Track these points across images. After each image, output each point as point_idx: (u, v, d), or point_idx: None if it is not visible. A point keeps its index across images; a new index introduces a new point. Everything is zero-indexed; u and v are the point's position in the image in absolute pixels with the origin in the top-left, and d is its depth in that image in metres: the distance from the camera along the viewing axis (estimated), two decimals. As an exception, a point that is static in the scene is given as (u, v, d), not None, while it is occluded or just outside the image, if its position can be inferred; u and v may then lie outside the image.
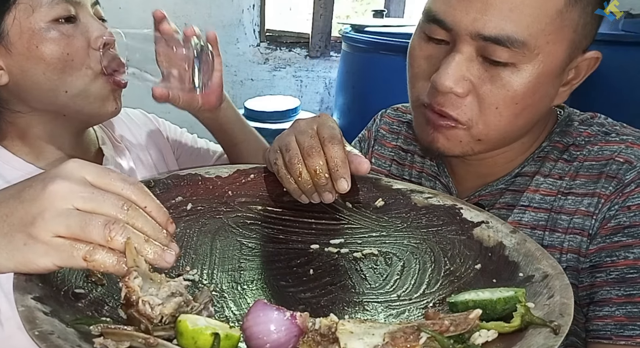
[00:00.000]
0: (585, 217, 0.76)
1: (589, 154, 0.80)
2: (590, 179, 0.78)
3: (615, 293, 0.72)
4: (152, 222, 0.52)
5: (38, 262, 0.49)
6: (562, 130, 0.84)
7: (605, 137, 0.81)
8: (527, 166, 0.84)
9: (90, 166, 0.52)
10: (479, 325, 0.49)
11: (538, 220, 0.80)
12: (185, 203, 0.76)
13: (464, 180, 0.90)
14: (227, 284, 0.66)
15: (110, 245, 0.49)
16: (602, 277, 0.74)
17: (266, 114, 2.97)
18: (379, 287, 0.66)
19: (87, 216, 0.49)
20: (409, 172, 0.98)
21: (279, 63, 3.46)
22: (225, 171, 0.81)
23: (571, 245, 0.77)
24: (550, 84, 0.75)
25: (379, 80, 2.38)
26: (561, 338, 0.46)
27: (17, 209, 0.50)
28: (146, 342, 0.46)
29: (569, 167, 0.80)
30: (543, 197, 0.81)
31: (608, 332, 0.72)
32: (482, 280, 0.63)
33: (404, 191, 0.78)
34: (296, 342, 0.49)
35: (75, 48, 0.84)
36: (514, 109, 0.74)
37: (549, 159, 0.82)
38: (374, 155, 1.05)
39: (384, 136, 1.05)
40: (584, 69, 0.79)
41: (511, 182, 0.84)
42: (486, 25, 0.70)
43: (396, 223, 0.76)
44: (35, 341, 0.43)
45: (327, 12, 3.35)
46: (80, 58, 0.85)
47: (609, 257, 0.74)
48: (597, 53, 0.78)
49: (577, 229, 0.77)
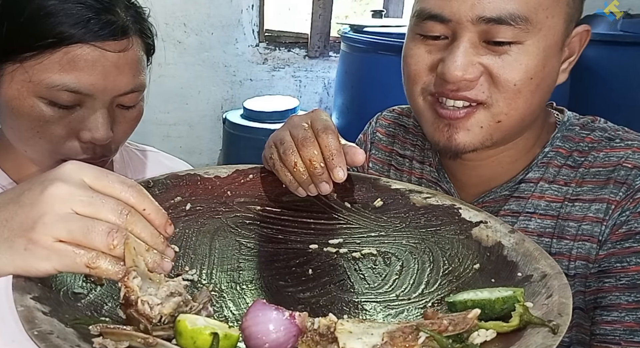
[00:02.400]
0: (595, 223, 0.76)
1: (595, 160, 0.79)
2: (597, 185, 0.77)
3: (625, 299, 0.72)
4: (151, 227, 0.52)
5: (39, 267, 0.49)
6: (564, 135, 0.84)
7: (609, 142, 0.80)
8: (530, 172, 0.83)
9: (89, 168, 0.52)
10: (477, 325, 0.49)
11: (545, 227, 0.80)
12: (184, 204, 0.76)
13: (465, 186, 0.89)
14: (226, 284, 0.66)
15: (113, 253, 0.49)
16: (611, 282, 0.74)
17: (265, 114, 2.97)
18: (377, 287, 0.66)
19: (89, 222, 0.49)
20: (408, 178, 0.97)
21: (277, 63, 3.46)
22: (224, 171, 0.81)
23: (580, 252, 0.76)
24: (555, 58, 0.76)
25: (378, 80, 2.38)
26: (559, 337, 0.46)
27: (16, 213, 0.50)
28: (145, 341, 0.46)
29: (575, 173, 0.80)
30: (549, 204, 0.80)
31: (617, 337, 0.71)
32: (480, 280, 0.63)
33: (402, 191, 0.78)
34: (295, 341, 0.49)
35: (48, 134, 0.77)
36: (529, 85, 0.74)
37: (553, 165, 0.82)
38: (371, 160, 1.04)
39: (380, 140, 1.03)
40: (577, 44, 0.80)
41: (515, 188, 0.83)
42: (486, 7, 0.71)
43: (395, 223, 0.76)
44: (34, 341, 0.43)
45: (326, 13, 3.35)
46: (47, 142, 0.77)
47: (619, 262, 0.73)
48: (586, 26, 0.80)
49: (587, 236, 0.76)
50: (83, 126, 0.77)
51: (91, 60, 0.74)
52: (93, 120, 0.77)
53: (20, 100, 0.75)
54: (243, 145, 2.96)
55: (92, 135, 0.77)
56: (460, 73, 0.72)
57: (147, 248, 0.51)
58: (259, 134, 2.86)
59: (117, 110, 0.81)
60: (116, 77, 0.77)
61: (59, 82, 0.74)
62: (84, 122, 0.77)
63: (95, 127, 0.77)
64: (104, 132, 0.78)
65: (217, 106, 3.44)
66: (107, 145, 0.81)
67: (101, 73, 0.75)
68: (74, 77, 0.74)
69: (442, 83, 0.75)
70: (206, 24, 3.26)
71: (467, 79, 0.73)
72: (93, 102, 0.77)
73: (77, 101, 0.76)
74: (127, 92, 0.79)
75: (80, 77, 0.74)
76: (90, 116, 0.77)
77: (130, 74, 0.79)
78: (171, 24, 3.18)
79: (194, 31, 3.27)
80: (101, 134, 0.77)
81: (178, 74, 3.26)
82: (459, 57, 0.72)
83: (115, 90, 0.78)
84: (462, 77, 0.73)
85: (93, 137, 0.77)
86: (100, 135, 0.77)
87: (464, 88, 0.74)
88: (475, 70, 0.73)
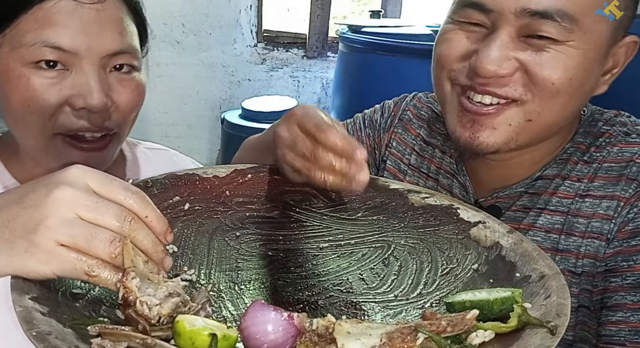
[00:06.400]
0: (604, 220, 0.74)
1: (609, 155, 0.77)
2: (609, 181, 0.75)
3: (630, 299, 0.70)
4: (152, 235, 0.52)
5: (38, 270, 0.49)
6: (586, 131, 0.81)
7: (625, 137, 0.78)
8: (549, 169, 0.80)
9: (93, 173, 0.52)
10: (475, 326, 0.49)
11: (553, 224, 0.78)
12: (182, 203, 0.76)
13: (483, 182, 0.87)
14: (225, 284, 0.66)
15: (114, 262, 0.49)
16: (617, 282, 0.72)
17: (263, 114, 2.97)
18: (376, 287, 0.66)
19: (92, 229, 0.49)
20: (428, 165, 0.94)
21: (276, 63, 3.45)
22: (223, 171, 0.81)
23: (588, 249, 0.74)
24: (597, 65, 0.72)
25: (376, 81, 2.38)
26: (558, 338, 0.46)
27: (19, 215, 0.49)
28: (144, 342, 0.46)
29: (588, 169, 0.77)
30: (560, 200, 0.78)
31: (622, 338, 0.70)
32: (479, 281, 0.63)
33: (401, 191, 0.78)
34: (293, 342, 0.49)
35: (39, 103, 0.74)
36: (568, 86, 0.70)
37: (571, 162, 0.79)
38: (394, 139, 0.99)
39: (410, 120, 0.99)
40: (622, 55, 0.76)
41: (532, 185, 0.81)
42: (533, 0, 0.67)
43: (393, 224, 0.76)
44: (32, 341, 0.43)
45: (324, 13, 3.35)
46: (40, 114, 0.75)
47: (626, 261, 0.71)
48: (634, 37, 0.75)
49: (596, 233, 0.74)
50: (74, 92, 0.74)
51: (66, 13, 0.73)
52: (84, 84, 0.74)
53: (9, 73, 0.74)
54: (241, 145, 2.96)
55: (84, 100, 0.74)
56: (494, 67, 0.69)
57: (147, 260, 0.52)
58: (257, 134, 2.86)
59: (112, 76, 0.78)
60: (98, 33, 0.74)
61: (38, 39, 0.72)
62: (75, 88, 0.74)
63: (87, 90, 0.74)
64: (97, 95, 0.74)
65: (216, 106, 3.43)
66: (105, 113, 0.77)
67: (80, 27, 0.73)
68: (51, 31, 0.72)
69: (473, 76, 0.72)
70: (205, 24, 3.26)
71: (500, 74, 0.70)
72: (81, 63, 0.74)
73: (62, 60, 0.74)
74: (115, 52, 0.76)
75: (57, 31, 0.72)
76: (80, 80, 0.75)
77: (115, 31, 0.76)
78: (169, 24, 3.18)
79: (193, 31, 3.26)
80: (93, 97, 0.74)
81: (176, 74, 3.26)
82: (494, 50, 0.69)
83: (100, 49, 0.75)
84: (494, 72, 0.70)
85: (85, 101, 0.74)
86: (93, 99, 0.74)
87: (495, 84, 0.71)
88: (510, 65, 0.70)
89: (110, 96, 0.78)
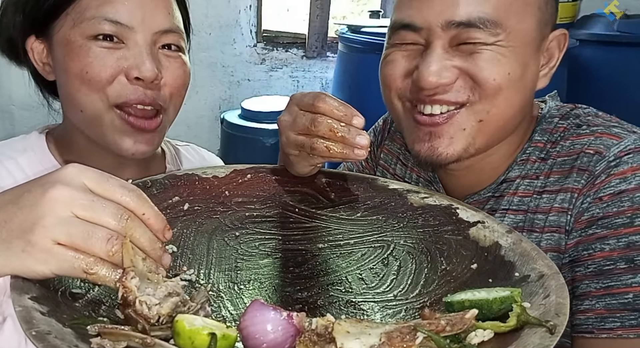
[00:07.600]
0: (560, 213, 0.77)
1: (562, 150, 0.80)
2: (562, 175, 0.78)
3: (594, 287, 0.72)
4: (150, 233, 0.52)
5: (36, 269, 0.49)
6: (542, 128, 0.84)
7: (576, 130, 0.81)
8: (512, 171, 0.83)
9: (90, 171, 0.52)
10: (475, 325, 0.49)
11: (517, 223, 0.81)
12: (182, 203, 0.76)
13: (454, 191, 0.90)
14: (224, 284, 0.66)
15: (112, 260, 0.49)
16: (581, 271, 0.74)
17: (263, 114, 2.96)
18: (375, 287, 0.66)
19: (89, 227, 0.49)
20: (410, 174, 0.98)
21: (275, 63, 3.45)
22: (222, 171, 0.81)
23: (549, 243, 0.77)
24: (532, 61, 0.77)
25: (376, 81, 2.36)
26: (557, 337, 0.46)
27: (15, 215, 0.50)
28: (143, 342, 0.47)
29: (544, 166, 0.81)
30: (521, 199, 0.81)
31: (590, 326, 0.72)
32: (478, 280, 0.63)
33: (400, 191, 0.78)
34: (293, 341, 0.49)
35: (97, 70, 0.79)
36: (508, 81, 0.75)
37: (530, 161, 0.82)
38: (383, 150, 1.04)
39: (395, 131, 1.04)
40: (556, 48, 0.81)
41: (497, 188, 0.84)
42: (455, 12, 0.72)
43: (392, 224, 0.76)
44: (32, 341, 0.43)
45: (323, 13, 3.34)
46: (97, 81, 0.79)
47: (586, 250, 0.74)
48: (563, 30, 0.81)
49: (554, 227, 0.77)
50: (130, 64, 0.80)
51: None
52: (138, 56, 0.80)
53: (70, 45, 0.80)
54: (241, 146, 2.95)
55: (139, 71, 0.79)
56: (435, 79, 0.74)
57: (144, 257, 0.52)
58: (256, 134, 2.85)
59: (161, 54, 0.84)
60: (151, 11, 0.81)
61: (98, 14, 0.79)
62: (129, 59, 0.80)
63: (141, 61, 0.80)
64: (150, 66, 0.79)
65: (215, 106, 3.43)
66: (157, 87, 0.82)
67: (135, 3, 0.80)
68: (110, 7, 0.79)
69: (418, 90, 0.76)
70: (204, 24, 3.25)
71: (442, 84, 0.74)
72: (135, 38, 0.80)
73: (118, 34, 0.80)
74: (165, 29, 0.83)
75: (116, 6, 0.79)
76: (135, 52, 0.80)
77: (165, 11, 0.83)
78: (169, 24, 3.18)
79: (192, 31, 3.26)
80: (147, 67, 0.79)
81: (176, 74, 3.26)
82: (433, 63, 0.74)
83: (153, 25, 0.81)
84: (437, 83, 0.74)
85: (140, 72, 0.79)
86: (147, 69, 0.79)
87: (441, 92, 0.75)
88: (450, 73, 0.74)
89: (160, 70, 0.82)
